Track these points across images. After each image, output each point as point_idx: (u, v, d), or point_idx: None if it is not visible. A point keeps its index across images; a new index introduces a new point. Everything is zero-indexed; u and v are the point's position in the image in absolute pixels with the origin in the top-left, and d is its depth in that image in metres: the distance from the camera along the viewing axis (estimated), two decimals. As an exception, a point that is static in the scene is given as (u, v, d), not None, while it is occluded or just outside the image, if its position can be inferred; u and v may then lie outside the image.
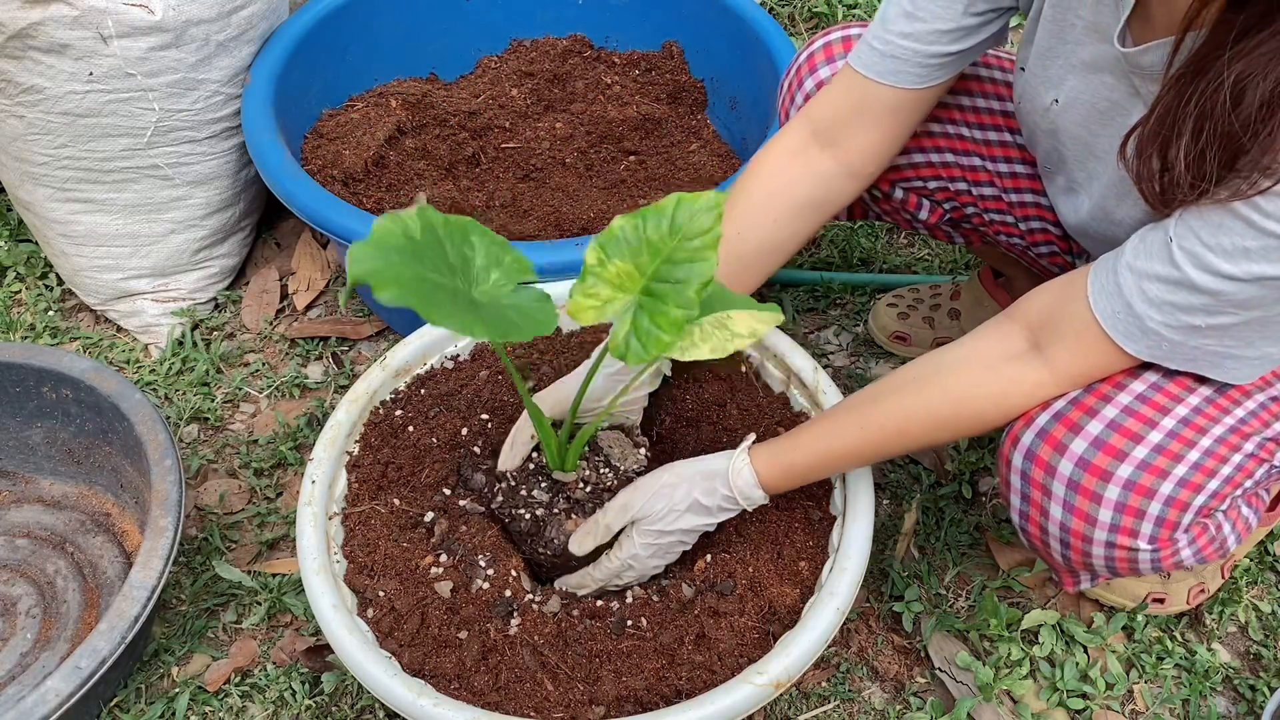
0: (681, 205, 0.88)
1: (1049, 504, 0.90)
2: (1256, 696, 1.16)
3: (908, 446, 0.96)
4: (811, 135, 1.06)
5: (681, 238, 0.88)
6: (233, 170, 1.51)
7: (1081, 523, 0.89)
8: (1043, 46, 0.95)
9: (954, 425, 0.93)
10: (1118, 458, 0.86)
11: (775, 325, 0.92)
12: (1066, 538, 0.90)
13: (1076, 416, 0.88)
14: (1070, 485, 0.88)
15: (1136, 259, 0.82)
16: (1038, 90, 0.97)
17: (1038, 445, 0.90)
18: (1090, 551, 0.90)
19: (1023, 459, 0.91)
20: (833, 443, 0.97)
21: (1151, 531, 0.87)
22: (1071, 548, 0.91)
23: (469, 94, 1.72)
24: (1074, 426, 0.88)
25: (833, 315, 1.56)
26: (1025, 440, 0.91)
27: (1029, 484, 0.91)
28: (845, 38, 1.17)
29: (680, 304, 0.86)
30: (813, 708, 1.14)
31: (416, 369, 1.18)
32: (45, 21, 1.25)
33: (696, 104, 1.74)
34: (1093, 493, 0.87)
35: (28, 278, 1.60)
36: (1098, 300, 0.84)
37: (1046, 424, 0.89)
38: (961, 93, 1.14)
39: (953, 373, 0.93)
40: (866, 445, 0.96)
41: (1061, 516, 0.90)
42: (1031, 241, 1.20)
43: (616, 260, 0.89)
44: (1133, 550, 0.88)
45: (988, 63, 1.15)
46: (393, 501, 1.07)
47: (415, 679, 0.91)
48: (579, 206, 1.53)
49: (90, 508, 1.29)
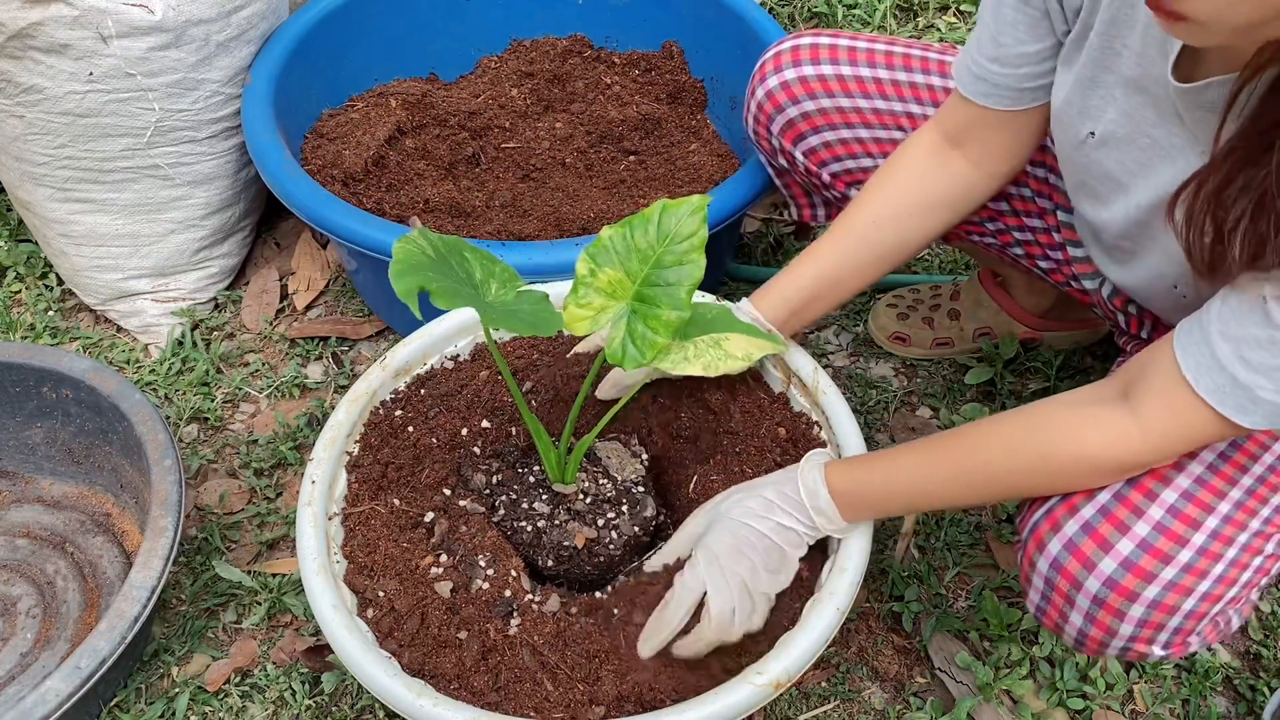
0: (667, 211, 0.91)
1: (1070, 612, 0.90)
2: (1256, 696, 1.16)
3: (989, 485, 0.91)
4: (944, 138, 1.05)
5: (669, 242, 0.90)
6: (233, 170, 1.51)
7: (1101, 633, 0.89)
8: (1085, 75, 0.90)
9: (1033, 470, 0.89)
10: (1146, 580, 0.85)
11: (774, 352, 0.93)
12: (1083, 641, 0.91)
13: (1107, 532, 0.86)
14: (1095, 601, 0.87)
15: (1228, 325, 0.76)
16: (1074, 120, 0.93)
17: (1065, 558, 0.88)
18: (1104, 653, 0.92)
19: (1048, 567, 0.90)
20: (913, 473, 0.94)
21: (1167, 639, 0.88)
22: (1086, 648, 0.92)
23: (469, 94, 1.72)
24: (1104, 544, 0.86)
25: (833, 315, 1.56)
26: (1052, 550, 0.89)
27: (1052, 589, 0.90)
28: (814, 45, 1.19)
29: (673, 306, 0.88)
30: (813, 708, 1.14)
31: (417, 369, 1.18)
32: (45, 21, 1.25)
33: (696, 104, 1.74)
34: (1116, 610, 0.87)
35: (28, 278, 1.60)
36: (1198, 377, 0.78)
37: (1075, 536, 0.87)
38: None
39: (1041, 411, 0.89)
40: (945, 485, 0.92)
41: (1081, 624, 0.90)
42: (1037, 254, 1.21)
43: (607, 269, 0.91)
44: (1146, 653, 0.90)
45: None
46: (393, 502, 1.07)
47: (415, 679, 0.91)
48: (579, 206, 1.53)
49: (90, 508, 1.29)
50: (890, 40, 1.19)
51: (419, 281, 0.82)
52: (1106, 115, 0.89)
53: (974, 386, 1.45)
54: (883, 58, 1.17)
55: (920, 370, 1.49)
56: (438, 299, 0.82)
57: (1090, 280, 1.13)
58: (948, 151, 1.05)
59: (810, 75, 1.18)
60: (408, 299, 0.80)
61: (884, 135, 1.17)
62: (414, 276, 0.82)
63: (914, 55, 1.17)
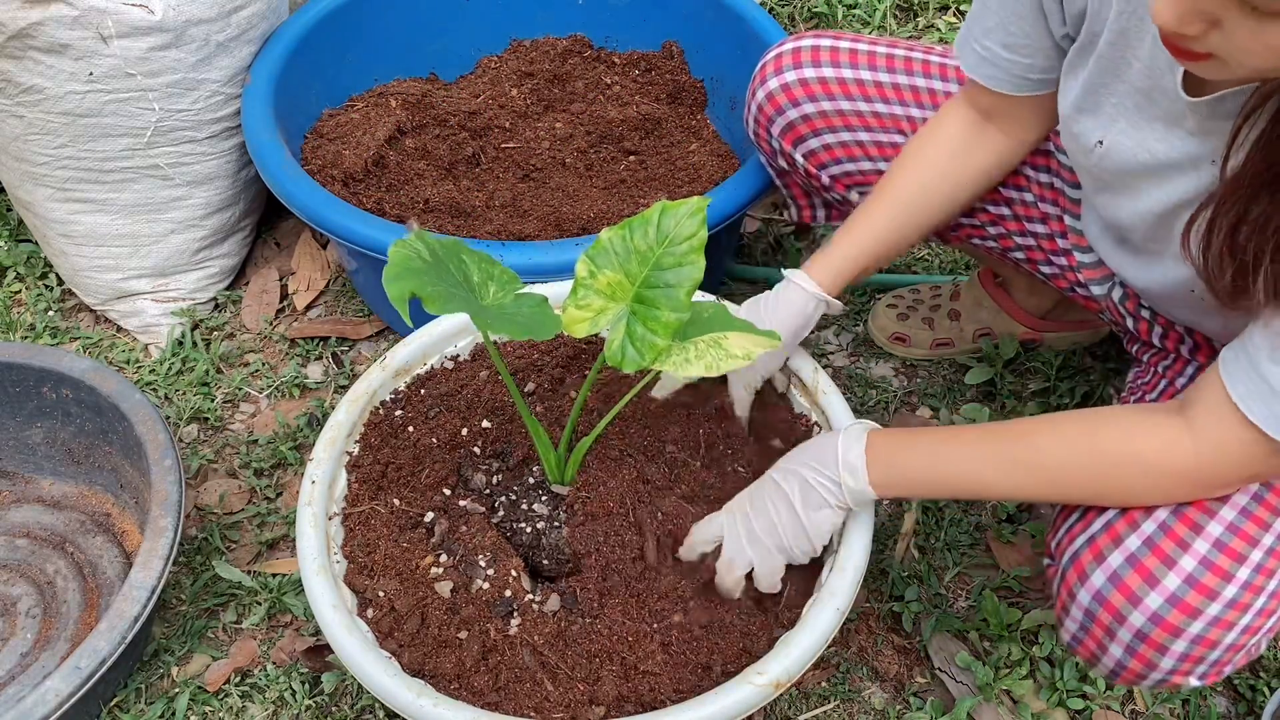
0: (667, 212, 0.91)
1: (1110, 644, 0.88)
2: (1256, 696, 1.16)
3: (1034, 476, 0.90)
4: (977, 111, 1.08)
5: (669, 243, 0.90)
6: (233, 170, 1.51)
7: (1141, 665, 0.88)
8: (1093, 83, 0.90)
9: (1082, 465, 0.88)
10: (1192, 616, 0.84)
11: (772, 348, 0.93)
12: (1119, 672, 0.90)
13: (1153, 565, 0.85)
14: (1138, 636, 0.86)
15: (1276, 353, 0.75)
16: (1086, 128, 0.93)
17: (1109, 591, 0.86)
18: (1140, 685, 0.90)
19: (1090, 599, 0.88)
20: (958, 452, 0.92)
21: (1205, 671, 0.87)
22: (1121, 678, 0.90)
23: (469, 94, 1.72)
24: (1150, 578, 0.85)
25: (832, 315, 1.56)
26: (1096, 582, 0.87)
27: (1092, 621, 0.89)
28: (815, 47, 1.19)
29: (672, 307, 0.88)
30: (813, 708, 1.14)
31: (417, 369, 1.18)
32: (45, 21, 1.25)
33: (696, 104, 1.74)
34: (1160, 645, 0.85)
35: (28, 278, 1.61)
36: (1250, 406, 0.78)
37: (1120, 569, 0.86)
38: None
39: (1097, 414, 0.89)
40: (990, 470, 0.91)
41: (1120, 657, 0.88)
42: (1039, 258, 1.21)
43: (606, 271, 0.91)
44: (1182, 684, 0.89)
45: None
46: (393, 502, 1.07)
47: (415, 679, 0.91)
48: (579, 206, 1.53)
49: (90, 508, 1.29)
50: (891, 43, 1.19)
51: (412, 286, 0.82)
52: (1116, 125, 0.89)
53: (974, 386, 1.45)
54: (884, 60, 1.17)
55: (920, 370, 1.49)
56: (430, 304, 0.81)
57: (1099, 286, 1.13)
58: (982, 124, 1.08)
59: (811, 78, 1.18)
60: (399, 304, 0.80)
61: (884, 139, 1.18)
62: (408, 280, 0.82)
63: (915, 58, 1.17)
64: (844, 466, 0.94)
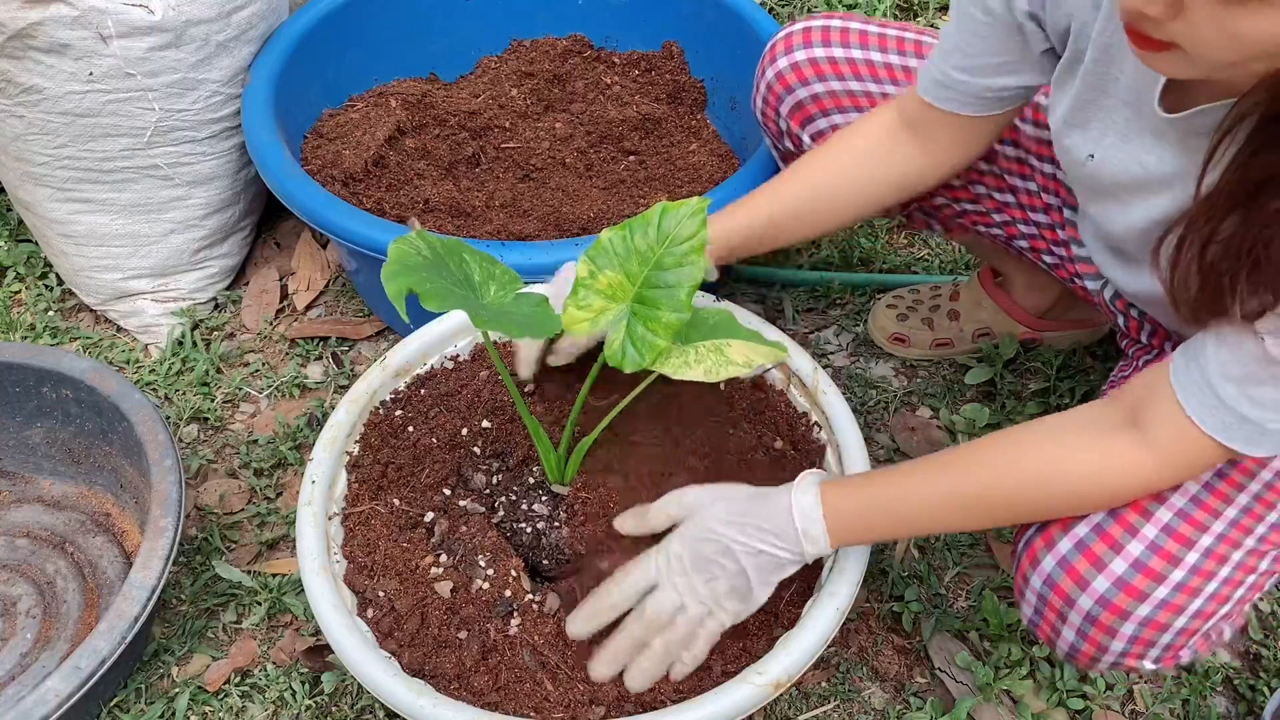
0: (667, 213, 0.91)
1: (1063, 627, 0.90)
2: (1256, 696, 1.16)
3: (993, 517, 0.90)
4: (902, 121, 1.06)
5: (669, 244, 0.90)
6: (233, 170, 1.51)
7: (1093, 649, 0.89)
8: (1083, 97, 0.90)
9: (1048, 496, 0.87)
10: (1139, 598, 0.85)
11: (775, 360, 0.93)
12: (1075, 654, 0.91)
13: (1100, 550, 0.86)
14: (1088, 619, 0.87)
15: (1228, 367, 0.76)
16: (1076, 142, 0.93)
17: (1059, 575, 0.88)
18: (1097, 668, 0.92)
19: (1042, 583, 0.90)
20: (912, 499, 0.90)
21: (1158, 655, 0.88)
22: (1078, 661, 0.92)
23: (469, 94, 1.72)
24: (1097, 562, 0.86)
25: (833, 315, 1.56)
26: (1046, 566, 0.89)
27: (1045, 605, 0.90)
28: (825, 28, 1.18)
29: (673, 308, 0.88)
30: (813, 708, 1.14)
31: (417, 369, 1.18)
32: (45, 21, 1.25)
33: (696, 104, 1.74)
34: (1109, 627, 0.87)
35: (28, 278, 1.60)
36: (1203, 418, 0.78)
37: (1069, 554, 0.87)
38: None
39: (1050, 436, 0.87)
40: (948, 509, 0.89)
41: (1074, 640, 0.90)
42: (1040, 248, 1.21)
43: (607, 271, 0.91)
44: (1137, 667, 0.90)
45: None
46: (393, 501, 1.07)
47: (415, 679, 0.92)
48: (579, 206, 1.53)
49: (90, 508, 1.29)
50: (902, 26, 1.19)
51: (411, 283, 0.82)
52: (1105, 140, 0.89)
53: (974, 386, 1.45)
54: (894, 43, 1.17)
55: (920, 370, 1.49)
56: (428, 301, 0.81)
57: (1092, 281, 1.13)
58: (904, 136, 1.06)
59: (820, 57, 1.17)
60: (397, 301, 0.80)
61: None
62: (406, 277, 0.82)
63: (925, 42, 1.17)
64: (805, 537, 0.90)
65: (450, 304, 0.83)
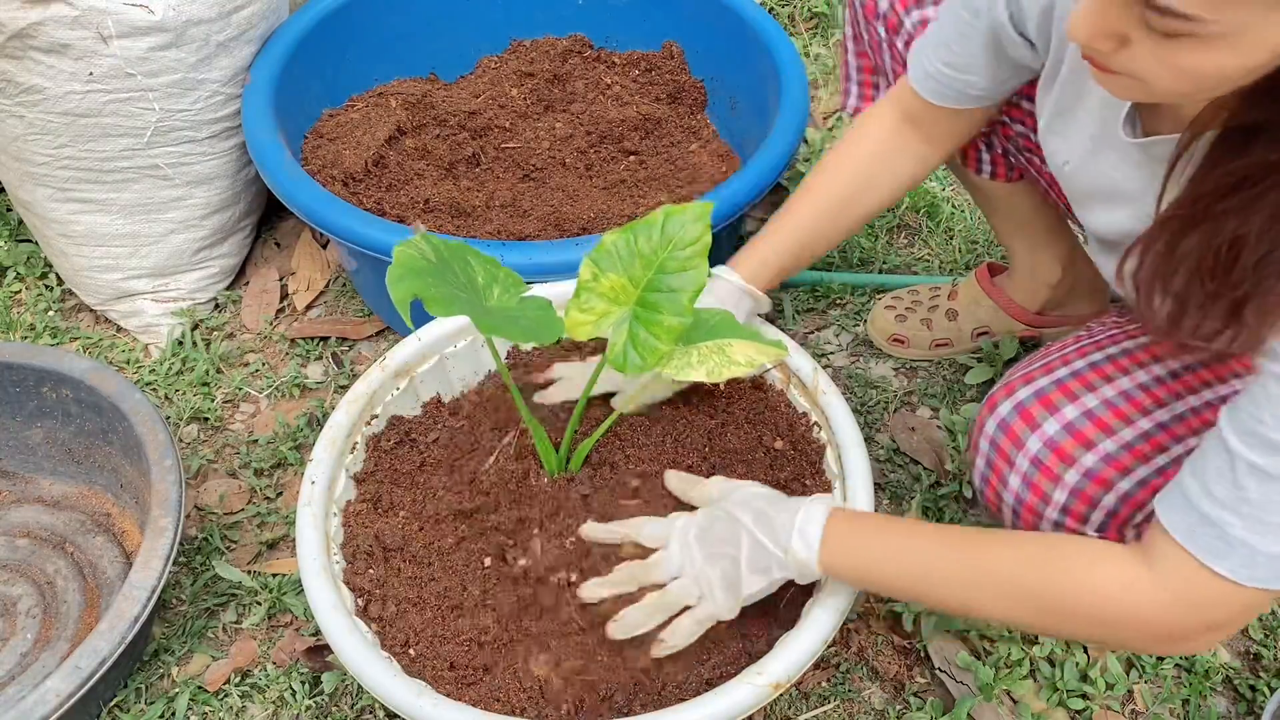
0: (671, 217, 0.91)
1: (1009, 475, 0.91)
2: (1256, 696, 1.16)
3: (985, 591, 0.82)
4: (903, 117, 1.09)
5: (672, 248, 0.90)
6: (233, 170, 1.51)
7: (1036, 499, 0.90)
8: (1062, 104, 0.92)
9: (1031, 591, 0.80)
10: (1085, 446, 0.86)
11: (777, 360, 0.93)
12: (1019, 509, 0.92)
13: (1056, 398, 0.88)
14: (1034, 462, 0.89)
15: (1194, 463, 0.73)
16: (1055, 147, 0.94)
17: (1012, 418, 0.90)
18: (1039, 527, 0.91)
19: (996, 427, 0.92)
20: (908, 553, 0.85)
21: (1101, 521, 0.88)
22: (1022, 519, 0.92)
23: (469, 94, 1.72)
24: (1051, 407, 0.88)
25: (833, 315, 1.56)
26: (1002, 410, 0.91)
27: (995, 452, 0.92)
28: None
29: (675, 312, 0.88)
30: (813, 708, 1.14)
31: (416, 369, 1.18)
32: (45, 21, 1.25)
33: (696, 104, 1.74)
34: (1054, 474, 0.88)
35: (28, 278, 1.61)
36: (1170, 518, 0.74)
37: (1026, 399, 0.89)
38: None
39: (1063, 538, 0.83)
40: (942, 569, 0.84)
41: (1019, 489, 0.91)
42: None
43: (610, 274, 0.91)
44: (1080, 531, 0.90)
45: None
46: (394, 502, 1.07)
47: (415, 679, 0.91)
48: (579, 206, 1.53)
49: (90, 508, 1.29)
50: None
51: (415, 288, 0.82)
52: (1078, 150, 0.91)
53: (974, 386, 1.45)
54: None
55: (920, 370, 1.49)
56: (432, 306, 0.81)
57: None
58: (908, 131, 1.09)
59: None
60: (402, 306, 0.80)
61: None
62: (411, 282, 0.82)
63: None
64: (798, 536, 0.88)
65: (455, 309, 0.82)
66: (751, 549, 0.90)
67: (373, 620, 0.98)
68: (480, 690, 0.94)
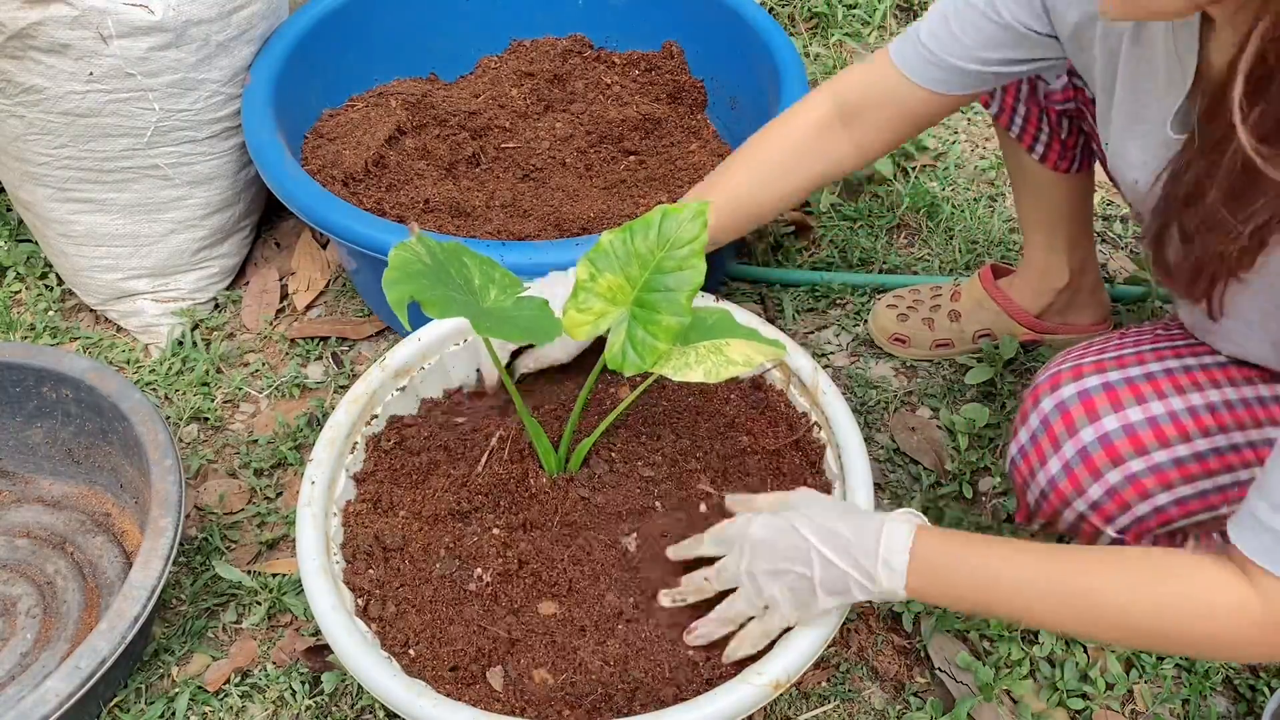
0: (668, 217, 0.92)
1: (1051, 458, 0.90)
2: (1256, 696, 1.16)
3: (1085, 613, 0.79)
4: (837, 113, 1.08)
5: (669, 247, 0.91)
6: (233, 170, 1.51)
7: (1070, 489, 0.89)
8: (1119, 126, 0.90)
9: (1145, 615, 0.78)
10: (1138, 451, 0.85)
11: (775, 359, 0.93)
12: (1048, 493, 0.90)
13: (1124, 395, 0.87)
14: (1081, 454, 0.87)
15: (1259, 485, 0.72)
16: (1121, 169, 0.93)
17: (1073, 403, 0.88)
18: (1063, 516, 0.90)
19: (1053, 407, 0.90)
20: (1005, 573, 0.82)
21: (1125, 524, 0.88)
22: (1046, 502, 0.91)
23: (469, 94, 1.72)
24: (1117, 404, 0.87)
25: (833, 315, 1.56)
26: (1065, 392, 0.89)
27: (1045, 431, 0.90)
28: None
29: (673, 311, 0.89)
30: (813, 708, 1.14)
31: (416, 369, 1.18)
32: (45, 21, 1.25)
33: (696, 104, 1.74)
34: (1097, 470, 0.86)
35: (28, 278, 1.61)
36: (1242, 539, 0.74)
37: (1093, 388, 0.88)
38: None
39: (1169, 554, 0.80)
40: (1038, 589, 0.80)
41: (1055, 474, 0.89)
42: None
43: (607, 274, 0.91)
44: (1100, 534, 0.89)
45: None
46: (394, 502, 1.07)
47: (415, 679, 0.92)
48: (579, 206, 1.53)
49: (90, 508, 1.29)
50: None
51: (412, 290, 0.82)
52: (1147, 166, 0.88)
53: (974, 386, 1.45)
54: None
55: (920, 370, 1.49)
56: (429, 309, 0.81)
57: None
58: (837, 130, 1.08)
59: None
60: (398, 308, 0.80)
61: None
62: (407, 284, 0.82)
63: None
64: (884, 565, 0.83)
65: (451, 311, 0.83)
66: (825, 571, 0.86)
67: (373, 620, 0.98)
68: (480, 690, 0.94)
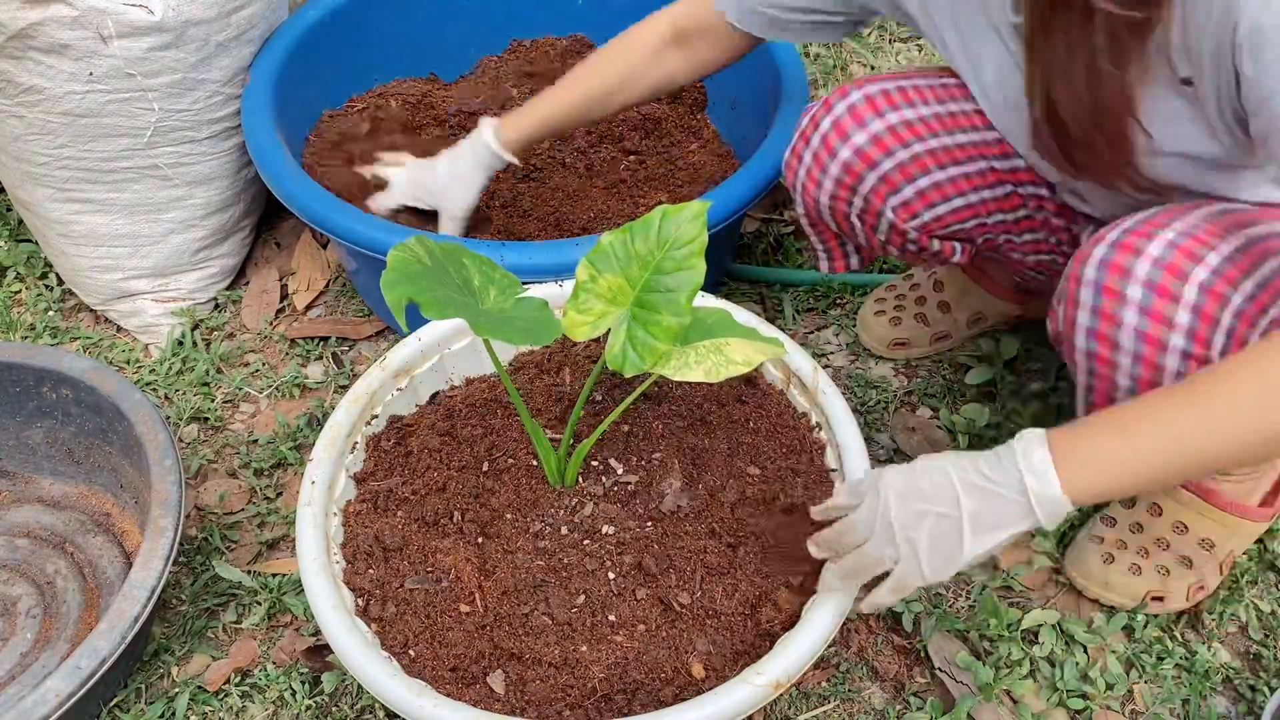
0: (667, 217, 0.92)
1: (1123, 311, 0.87)
2: (1256, 696, 1.16)
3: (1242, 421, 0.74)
4: (672, 35, 1.25)
5: (669, 248, 0.91)
6: (233, 170, 1.52)
7: (1159, 326, 0.85)
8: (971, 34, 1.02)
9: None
10: (1194, 260, 0.84)
11: (775, 358, 0.93)
12: (1141, 347, 0.87)
13: (1150, 229, 0.87)
14: (1147, 285, 0.85)
15: None
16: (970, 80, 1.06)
17: (1111, 254, 0.88)
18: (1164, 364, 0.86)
19: (1096, 267, 0.89)
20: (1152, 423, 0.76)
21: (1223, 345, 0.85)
22: (1144, 360, 0.87)
23: (469, 94, 1.72)
24: (1148, 234, 0.87)
25: (833, 315, 1.56)
26: (1098, 253, 0.89)
27: (1101, 292, 0.88)
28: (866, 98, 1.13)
29: (673, 312, 0.89)
30: (813, 708, 1.14)
31: (417, 369, 1.18)
32: (45, 22, 1.25)
33: (696, 104, 1.74)
34: (1171, 293, 0.84)
35: (28, 278, 1.61)
36: None
37: (1117, 237, 0.88)
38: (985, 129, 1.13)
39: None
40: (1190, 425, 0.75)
41: (1136, 322, 0.86)
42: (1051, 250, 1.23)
43: (607, 275, 0.91)
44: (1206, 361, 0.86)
45: None
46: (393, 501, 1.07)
47: (415, 679, 0.92)
48: (579, 206, 1.53)
49: (90, 508, 1.29)
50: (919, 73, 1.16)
51: (410, 291, 0.82)
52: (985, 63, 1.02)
53: (974, 386, 1.45)
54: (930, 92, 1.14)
55: (920, 370, 1.49)
56: (428, 310, 0.81)
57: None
58: (671, 52, 1.26)
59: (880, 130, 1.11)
60: (397, 310, 0.80)
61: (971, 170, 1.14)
62: (406, 286, 0.82)
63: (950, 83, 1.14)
64: (1028, 471, 0.78)
65: (450, 313, 0.83)
66: (975, 501, 0.80)
67: (373, 620, 0.98)
68: (480, 690, 0.94)
